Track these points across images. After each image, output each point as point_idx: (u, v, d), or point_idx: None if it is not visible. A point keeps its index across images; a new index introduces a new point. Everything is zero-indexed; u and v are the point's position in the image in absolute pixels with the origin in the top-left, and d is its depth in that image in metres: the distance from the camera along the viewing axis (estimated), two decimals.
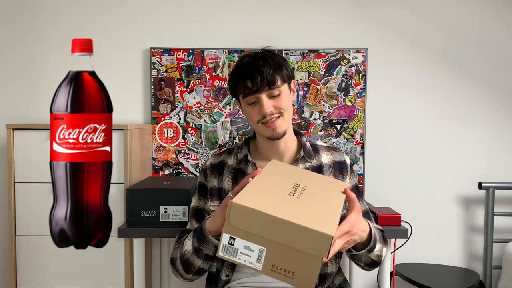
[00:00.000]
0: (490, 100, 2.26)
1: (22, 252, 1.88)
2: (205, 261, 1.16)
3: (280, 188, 0.94)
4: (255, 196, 0.87)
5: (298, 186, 0.95)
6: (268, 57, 1.21)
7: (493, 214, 2.15)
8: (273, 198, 0.89)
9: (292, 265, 0.83)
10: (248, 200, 0.84)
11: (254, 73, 1.17)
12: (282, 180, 0.98)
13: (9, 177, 1.86)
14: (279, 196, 0.90)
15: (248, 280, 1.23)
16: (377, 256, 1.16)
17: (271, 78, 1.17)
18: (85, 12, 2.22)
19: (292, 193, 0.92)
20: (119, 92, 2.22)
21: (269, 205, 0.84)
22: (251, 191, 0.90)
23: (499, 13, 2.24)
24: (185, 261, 1.17)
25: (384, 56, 2.24)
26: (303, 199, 0.90)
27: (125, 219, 1.77)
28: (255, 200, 0.85)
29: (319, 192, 0.98)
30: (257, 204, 0.83)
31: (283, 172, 1.05)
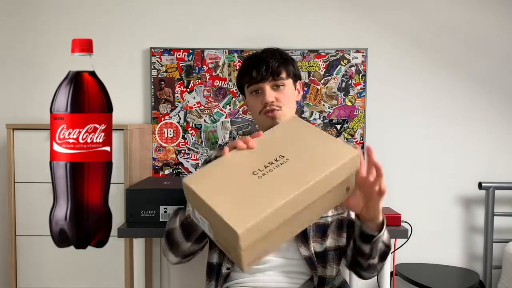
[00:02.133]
0: (490, 100, 2.26)
1: (22, 252, 1.88)
2: (194, 243, 1.16)
3: (250, 164, 0.90)
4: (211, 174, 0.90)
5: (276, 161, 0.90)
6: (276, 51, 1.26)
7: (493, 214, 2.15)
8: (229, 177, 0.89)
9: (226, 243, 0.86)
10: (195, 179, 0.89)
11: (260, 63, 1.22)
12: (264, 152, 0.94)
13: (9, 177, 1.86)
14: (239, 175, 0.89)
15: (248, 280, 1.23)
16: (387, 238, 1.13)
17: (276, 69, 1.21)
18: (85, 12, 2.22)
19: (258, 171, 0.88)
20: (119, 92, 2.22)
21: (212, 186, 0.86)
22: (212, 169, 0.91)
23: (499, 13, 2.24)
24: (175, 242, 1.17)
25: (384, 56, 2.24)
26: (263, 180, 0.87)
27: (125, 219, 1.77)
28: (204, 179, 0.88)
29: (296, 170, 0.90)
30: (200, 184, 0.87)
31: (281, 137, 0.98)
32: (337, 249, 1.24)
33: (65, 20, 2.22)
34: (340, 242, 1.24)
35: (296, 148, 0.93)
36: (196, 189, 0.86)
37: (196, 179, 0.89)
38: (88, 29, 2.22)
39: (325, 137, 0.98)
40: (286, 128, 1.01)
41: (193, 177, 0.90)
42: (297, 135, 0.98)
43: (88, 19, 2.22)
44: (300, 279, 1.21)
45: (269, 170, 0.88)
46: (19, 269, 1.88)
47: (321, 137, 0.97)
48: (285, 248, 1.21)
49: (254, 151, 0.94)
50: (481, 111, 2.27)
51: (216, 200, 0.83)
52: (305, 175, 0.87)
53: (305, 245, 1.19)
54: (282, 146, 0.93)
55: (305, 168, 0.89)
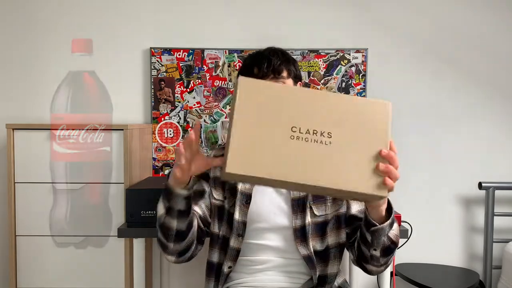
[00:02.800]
0: (490, 100, 2.26)
1: (22, 252, 1.88)
2: (180, 219, 1.09)
3: (295, 116, 0.89)
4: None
5: (321, 135, 0.88)
6: (278, 51, 1.26)
7: (493, 214, 2.15)
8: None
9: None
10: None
11: (262, 60, 1.22)
12: (310, 113, 0.90)
13: (9, 177, 1.86)
14: (278, 123, 0.88)
15: (248, 280, 1.23)
16: (395, 236, 1.09)
17: (277, 67, 1.21)
18: (85, 12, 2.22)
19: (298, 133, 0.87)
20: (119, 92, 2.22)
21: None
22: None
23: (499, 13, 2.24)
24: (162, 226, 1.11)
25: (384, 56, 2.24)
26: (293, 144, 0.87)
27: (125, 219, 1.77)
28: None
29: (327, 162, 0.88)
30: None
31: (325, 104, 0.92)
32: (338, 246, 1.24)
33: (65, 20, 2.22)
34: (340, 239, 1.24)
35: (343, 131, 0.89)
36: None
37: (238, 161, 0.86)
38: (88, 29, 2.22)
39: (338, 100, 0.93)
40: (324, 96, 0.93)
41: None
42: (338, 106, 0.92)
43: (88, 19, 2.22)
44: (301, 279, 1.21)
45: (306, 140, 0.87)
46: (19, 269, 1.88)
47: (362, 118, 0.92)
48: (284, 248, 1.21)
49: (302, 105, 0.90)
50: (481, 111, 2.27)
51: (240, 128, 0.85)
52: (323, 174, 0.87)
53: (304, 244, 1.19)
54: (330, 118, 0.89)
55: (335, 168, 0.88)
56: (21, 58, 2.23)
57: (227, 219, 1.24)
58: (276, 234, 1.21)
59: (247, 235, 1.22)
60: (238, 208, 1.22)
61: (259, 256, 1.22)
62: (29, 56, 2.23)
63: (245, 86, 0.87)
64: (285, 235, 1.21)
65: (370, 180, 0.89)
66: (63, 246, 1.88)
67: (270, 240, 1.21)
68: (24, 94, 2.23)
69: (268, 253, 1.21)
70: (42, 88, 2.23)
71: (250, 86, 0.87)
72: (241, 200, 1.22)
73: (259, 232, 1.21)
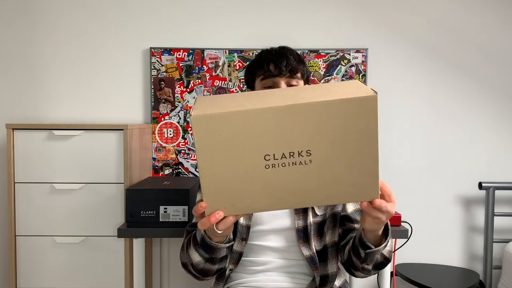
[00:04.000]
0: (490, 100, 2.26)
1: (22, 252, 1.88)
2: (221, 262, 1.12)
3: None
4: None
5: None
6: (293, 50, 1.26)
7: (493, 214, 2.15)
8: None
9: None
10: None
11: (280, 58, 1.20)
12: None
13: (9, 177, 1.86)
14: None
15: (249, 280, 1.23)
16: (388, 252, 1.09)
17: (295, 66, 1.20)
18: (85, 12, 2.22)
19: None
20: (119, 92, 2.22)
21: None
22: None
23: (499, 12, 2.24)
24: (201, 270, 1.12)
25: (384, 56, 2.24)
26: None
27: (125, 219, 1.77)
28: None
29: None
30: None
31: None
32: (334, 244, 1.23)
33: (65, 20, 2.22)
34: (335, 238, 1.24)
35: (323, 144, 0.78)
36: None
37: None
38: (88, 29, 2.22)
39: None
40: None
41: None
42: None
43: (88, 19, 2.22)
44: (302, 279, 1.21)
45: (283, 165, 0.79)
46: (19, 269, 1.88)
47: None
48: (286, 249, 1.21)
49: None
50: (482, 111, 2.27)
51: (208, 172, 0.79)
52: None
53: (306, 245, 1.19)
54: (305, 133, 0.78)
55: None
56: (21, 58, 2.23)
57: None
58: (278, 235, 1.20)
59: (250, 237, 1.22)
60: None
61: (261, 257, 1.21)
62: (29, 56, 2.23)
63: (200, 124, 0.77)
64: (287, 236, 1.20)
65: (359, 187, 0.81)
66: (63, 246, 1.88)
67: (272, 241, 1.21)
68: (24, 94, 2.23)
69: (269, 254, 1.21)
70: (42, 88, 2.23)
71: (207, 122, 0.76)
72: None
73: (261, 234, 1.21)
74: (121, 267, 1.88)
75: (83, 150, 1.86)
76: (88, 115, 2.22)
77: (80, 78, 2.23)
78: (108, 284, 1.88)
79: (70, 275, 1.89)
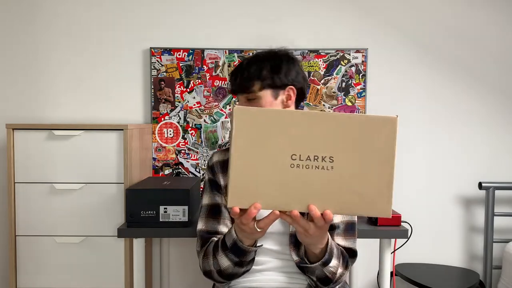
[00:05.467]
0: (490, 100, 2.26)
1: (22, 252, 1.88)
2: (249, 264, 1.13)
3: (291, 145, 0.88)
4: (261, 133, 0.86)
5: (322, 160, 0.87)
6: (265, 59, 1.19)
7: (493, 214, 2.15)
8: (268, 153, 0.87)
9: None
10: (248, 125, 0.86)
11: (236, 74, 1.20)
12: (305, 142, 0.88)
13: (9, 177, 1.86)
14: (278, 155, 0.87)
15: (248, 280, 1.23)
16: (331, 272, 1.08)
17: (246, 82, 1.18)
18: (85, 12, 2.22)
19: (297, 160, 0.87)
20: (119, 92, 2.22)
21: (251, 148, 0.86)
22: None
23: (500, 12, 2.24)
24: (229, 275, 1.14)
25: (384, 56, 2.24)
26: (295, 172, 0.87)
27: (125, 219, 1.77)
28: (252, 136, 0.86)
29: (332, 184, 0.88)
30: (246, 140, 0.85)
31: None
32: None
33: (65, 20, 2.22)
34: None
35: (346, 154, 0.86)
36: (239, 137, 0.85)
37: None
38: (88, 29, 2.22)
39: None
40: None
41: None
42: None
43: (88, 19, 2.22)
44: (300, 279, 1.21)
45: (307, 167, 0.86)
46: (19, 269, 1.88)
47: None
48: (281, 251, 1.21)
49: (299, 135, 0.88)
50: (482, 111, 2.27)
51: (239, 162, 0.85)
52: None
53: (296, 250, 1.19)
54: (331, 141, 0.86)
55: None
56: (21, 58, 2.23)
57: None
58: (274, 239, 1.21)
59: None
60: None
61: (258, 256, 1.22)
62: (29, 56, 2.23)
63: (241, 116, 0.84)
64: (281, 240, 1.20)
65: (374, 203, 0.87)
66: (63, 246, 1.88)
67: (268, 244, 1.21)
68: (24, 94, 2.23)
69: (266, 254, 1.21)
70: (42, 88, 2.23)
71: (246, 115, 0.85)
72: None
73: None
74: (121, 267, 1.88)
75: (83, 150, 1.86)
76: (88, 115, 2.22)
77: (80, 78, 2.23)
78: (108, 284, 1.88)
79: (70, 275, 1.89)
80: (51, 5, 2.22)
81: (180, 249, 2.27)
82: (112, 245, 1.88)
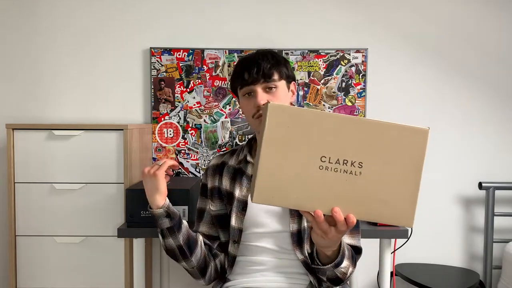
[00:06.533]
0: (490, 100, 2.26)
1: (22, 252, 1.88)
2: (171, 235, 1.20)
3: (322, 147, 0.87)
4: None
5: (351, 165, 0.87)
6: (268, 53, 1.23)
7: (493, 214, 2.15)
8: (298, 147, 0.86)
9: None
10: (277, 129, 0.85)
11: (252, 66, 1.20)
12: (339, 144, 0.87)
13: (9, 177, 1.86)
14: (306, 153, 0.86)
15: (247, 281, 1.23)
16: (342, 273, 1.10)
17: (267, 71, 1.19)
18: (85, 12, 2.22)
19: (327, 163, 0.86)
20: (119, 92, 2.22)
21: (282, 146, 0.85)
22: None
23: (499, 12, 2.24)
24: (166, 251, 1.23)
25: (384, 56, 2.24)
26: (323, 175, 0.86)
27: (125, 219, 1.77)
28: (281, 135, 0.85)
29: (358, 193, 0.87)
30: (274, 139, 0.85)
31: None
32: None
33: (65, 20, 2.22)
34: None
35: (375, 161, 0.86)
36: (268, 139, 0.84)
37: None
38: (88, 29, 2.22)
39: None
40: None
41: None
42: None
43: (88, 19, 2.22)
44: (299, 279, 1.21)
45: (335, 170, 0.84)
46: (19, 269, 1.88)
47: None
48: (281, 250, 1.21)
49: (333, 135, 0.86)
50: (482, 111, 2.27)
51: (268, 158, 0.84)
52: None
53: (299, 249, 1.19)
54: (362, 146, 0.85)
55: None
56: (21, 58, 2.23)
57: (227, 225, 1.26)
58: (273, 238, 1.21)
59: (245, 238, 1.23)
60: (234, 215, 1.23)
61: (257, 256, 1.22)
62: (29, 56, 2.23)
63: (275, 113, 0.83)
64: (281, 239, 1.21)
65: (398, 212, 0.87)
66: (63, 246, 1.88)
67: (267, 243, 1.21)
68: (24, 94, 2.23)
69: (266, 254, 1.21)
70: (42, 88, 2.23)
71: (279, 112, 0.83)
72: (238, 207, 1.23)
73: (256, 236, 1.22)
74: (121, 267, 1.88)
75: (83, 150, 1.86)
76: (88, 115, 2.22)
77: (80, 78, 2.23)
78: (108, 284, 1.88)
79: (70, 275, 1.89)
80: (51, 5, 2.22)
81: None
82: (112, 245, 1.88)
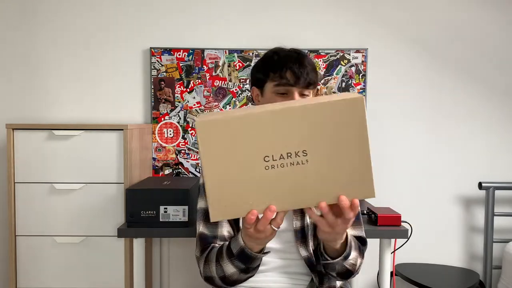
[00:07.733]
0: (490, 100, 2.26)
1: (22, 252, 1.88)
2: (254, 270, 1.11)
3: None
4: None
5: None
6: (306, 56, 1.20)
7: (493, 214, 2.15)
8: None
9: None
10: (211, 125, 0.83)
11: (299, 67, 1.15)
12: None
13: (9, 177, 1.86)
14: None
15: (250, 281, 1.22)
16: (351, 264, 1.09)
17: (312, 78, 1.16)
18: (85, 12, 2.22)
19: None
20: (119, 92, 2.22)
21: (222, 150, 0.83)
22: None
23: (500, 12, 2.24)
24: (233, 282, 1.12)
25: (384, 56, 2.24)
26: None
27: (125, 219, 1.77)
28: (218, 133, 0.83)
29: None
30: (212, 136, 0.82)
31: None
32: None
33: (65, 20, 2.22)
34: None
35: (318, 144, 0.83)
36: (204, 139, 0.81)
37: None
38: (88, 29, 2.22)
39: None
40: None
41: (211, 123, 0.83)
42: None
43: (88, 19, 2.22)
44: (301, 280, 1.21)
45: (282, 165, 0.83)
46: (19, 269, 1.88)
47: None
48: (284, 249, 1.21)
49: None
50: (481, 111, 2.27)
51: (212, 176, 0.82)
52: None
53: (304, 246, 1.19)
54: (300, 134, 0.83)
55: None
56: (21, 58, 2.23)
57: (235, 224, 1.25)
58: (276, 237, 1.20)
59: None
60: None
61: None
62: (29, 57, 2.23)
63: (204, 129, 0.81)
64: (285, 237, 1.20)
65: (357, 186, 0.84)
66: (63, 246, 1.88)
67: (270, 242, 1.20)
68: (24, 94, 2.23)
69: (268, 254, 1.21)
70: (42, 88, 2.23)
71: (209, 128, 0.81)
72: None
73: None
74: (121, 267, 1.88)
75: (83, 150, 1.86)
76: (88, 115, 2.22)
77: (80, 78, 2.23)
78: (108, 284, 1.88)
79: (70, 275, 1.89)
80: (51, 6, 2.22)
81: (180, 249, 2.27)
82: (112, 245, 1.88)
